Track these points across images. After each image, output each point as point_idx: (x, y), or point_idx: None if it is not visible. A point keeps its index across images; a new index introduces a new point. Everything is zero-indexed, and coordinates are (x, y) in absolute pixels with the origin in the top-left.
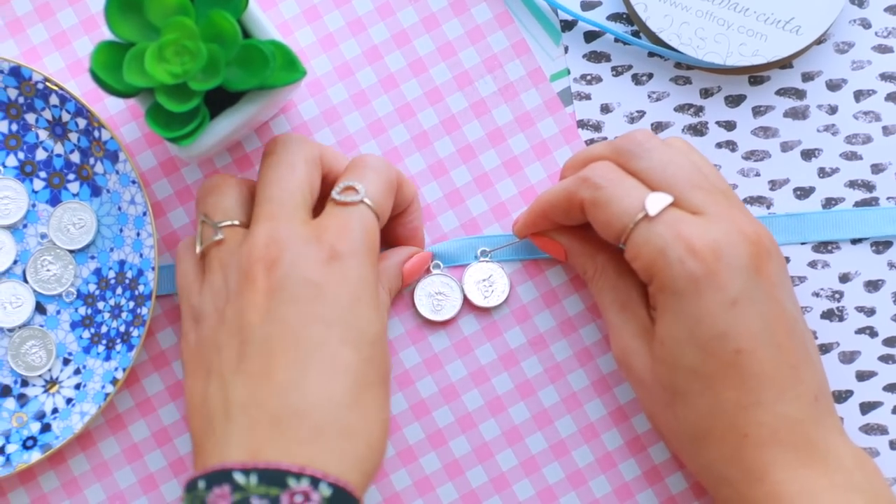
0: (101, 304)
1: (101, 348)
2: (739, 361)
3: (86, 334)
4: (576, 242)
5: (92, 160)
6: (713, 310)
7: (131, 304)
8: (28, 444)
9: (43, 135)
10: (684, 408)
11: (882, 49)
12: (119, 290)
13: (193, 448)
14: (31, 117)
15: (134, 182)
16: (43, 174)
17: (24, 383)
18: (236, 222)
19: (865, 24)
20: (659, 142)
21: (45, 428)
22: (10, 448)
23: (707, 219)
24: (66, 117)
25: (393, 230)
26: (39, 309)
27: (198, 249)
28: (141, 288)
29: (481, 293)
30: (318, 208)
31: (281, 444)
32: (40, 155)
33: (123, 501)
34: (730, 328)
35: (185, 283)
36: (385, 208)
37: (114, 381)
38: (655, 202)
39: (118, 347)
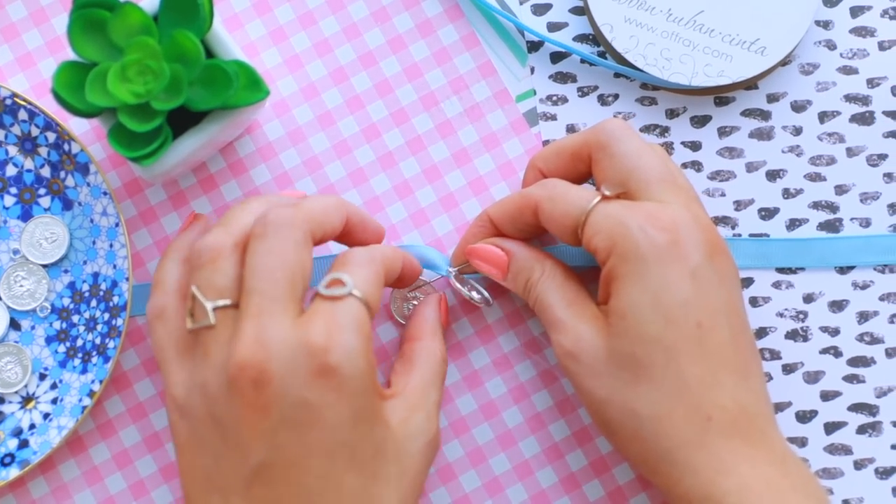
0: (75, 318)
1: (77, 362)
2: (701, 336)
3: (61, 348)
4: (522, 247)
5: (63, 174)
6: (676, 277)
7: (106, 315)
8: (6, 461)
9: (13, 150)
10: (647, 384)
11: (847, 70)
12: (94, 303)
13: None
14: (0, 134)
15: (105, 193)
16: (14, 190)
17: (1, 400)
18: (229, 302)
19: (831, 46)
20: (634, 134)
21: (23, 444)
22: None
23: (665, 204)
24: (35, 132)
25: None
26: (14, 325)
27: (189, 327)
28: (115, 299)
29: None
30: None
31: None
32: (10, 171)
33: None
34: (691, 299)
35: (166, 355)
36: (376, 298)
37: (91, 394)
38: (612, 188)
39: (94, 360)
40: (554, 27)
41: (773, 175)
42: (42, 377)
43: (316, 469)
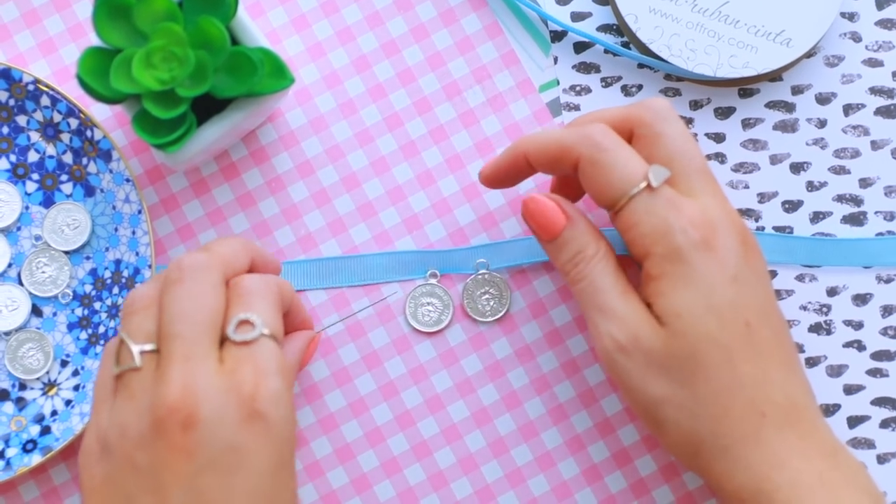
0: (97, 305)
1: (98, 349)
2: (750, 335)
3: (83, 335)
4: (583, 218)
5: (85, 160)
6: (720, 280)
7: None
8: (28, 447)
9: (35, 136)
10: (705, 383)
11: (872, 63)
12: (115, 290)
13: None
14: (22, 119)
15: (128, 180)
16: (36, 176)
17: (23, 387)
18: (156, 346)
19: (856, 38)
20: (679, 118)
21: (45, 430)
22: (10, 452)
23: (703, 202)
24: (57, 118)
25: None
26: (35, 311)
27: (115, 371)
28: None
29: (482, 306)
30: None
31: None
32: (32, 157)
33: None
34: (737, 299)
35: (99, 394)
36: (280, 330)
37: None
38: (657, 174)
39: None
40: (578, 17)
41: (797, 167)
42: (64, 364)
43: None
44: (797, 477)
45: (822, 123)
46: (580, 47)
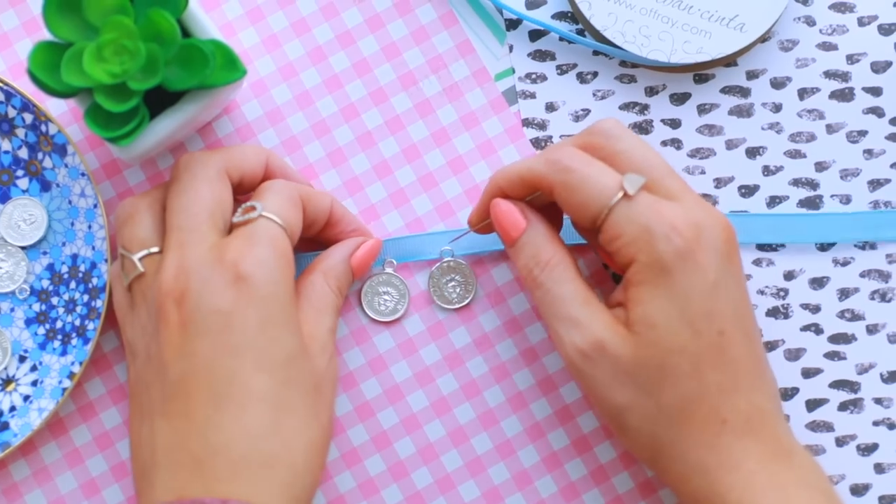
0: (55, 300)
1: (56, 343)
2: (722, 344)
3: (41, 330)
4: (542, 224)
5: (40, 155)
6: (700, 288)
7: (86, 297)
8: None
9: None
10: (671, 391)
11: (826, 47)
12: (73, 285)
13: (135, 492)
14: None
15: (83, 174)
16: None
17: None
18: (154, 249)
19: (810, 22)
20: (632, 132)
21: (3, 426)
22: None
23: (682, 203)
24: (12, 113)
25: (332, 241)
26: None
27: (124, 283)
28: (95, 280)
29: (448, 293)
30: None
31: (202, 484)
32: None
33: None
34: (714, 309)
35: (120, 313)
36: (292, 219)
37: (71, 376)
38: (632, 182)
39: (74, 342)
40: (532, 5)
41: (752, 152)
42: (22, 359)
43: (223, 370)
44: (750, 478)
45: (777, 108)
46: (535, 35)
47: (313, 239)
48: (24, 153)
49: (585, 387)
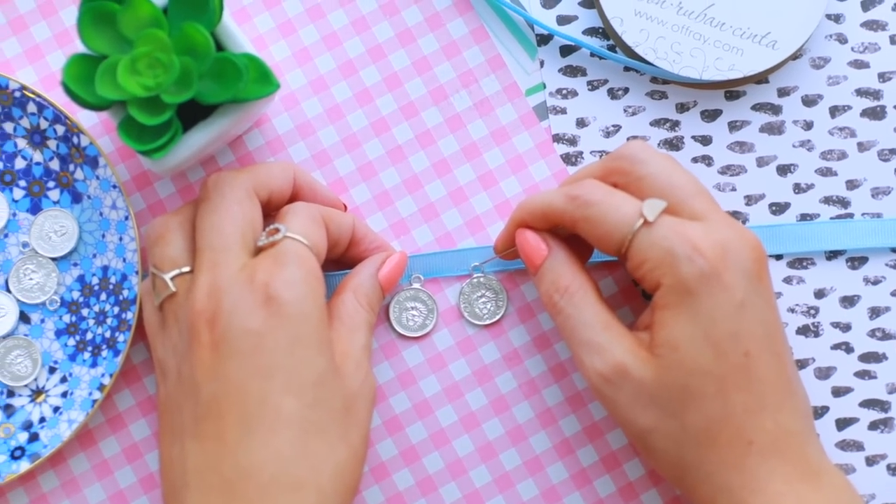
0: (85, 311)
1: (86, 355)
2: (748, 365)
3: (71, 342)
4: (563, 251)
5: (72, 167)
6: (725, 310)
7: (116, 309)
8: (16, 454)
9: (21, 143)
10: (695, 413)
11: (858, 64)
12: (103, 296)
13: None
14: (8, 126)
15: (115, 186)
16: (23, 183)
17: (10, 394)
18: (185, 269)
19: (842, 40)
20: (657, 151)
21: (33, 437)
22: None
23: (708, 224)
24: (44, 125)
25: (357, 260)
26: (23, 318)
27: (155, 303)
28: (125, 293)
29: (479, 309)
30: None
31: None
32: (19, 164)
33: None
34: (740, 330)
35: (150, 331)
36: (316, 238)
37: (101, 388)
38: (652, 208)
39: (104, 353)
40: (564, 20)
41: (783, 170)
42: (52, 370)
43: (255, 393)
44: (776, 500)
45: (808, 125)
46: (566, 51)
47: (338, 260)
48: (55, 164)
49: (609, 410)
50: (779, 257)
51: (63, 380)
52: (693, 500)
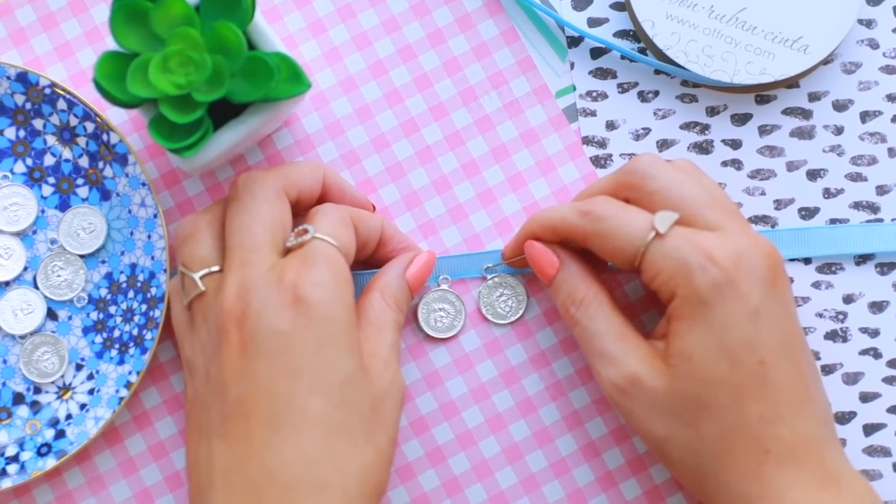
0: (112, 309)
1: (114, 353)
2: (763, 373)
3: (98, 339)
4: (575, 261)
5: (101, 164)
6: (739, 318)
7: (143, 307)
8: (42, 450)
9: (51, 140)
10: (710, 423)
11: (889, 70)
12: (131, 294)
13: None
14: (38, 123)
15: (144, 184)
16: (52, 179)
17: (37, 390)
18: (214, 269)
19: (873, 45)
20: (667, 163)
21: (60, 434)
22: (25, 455)
23: (722, 233)
24: (73, 122)
25: (385, 260)
26: (51, 315)
27: (184, 302)
28: (153, 290)
29: (500, 308)
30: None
31: None
32: (49, 160)
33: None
34: (754, 338)
35: (178, 330)
36: (345, 239)
37: (128, 385)
38: (663, 220)
39: (131, 351)
40: (594, 22)
41: (813, 174)
42: (79, 367)
43: (282, 393)
44: None
45: (838, 130)
46: (597, 53)
47: (366, 261)
48: (84, 162)
49: (625, 419)
50: (807, 262)
51: (90, 377)
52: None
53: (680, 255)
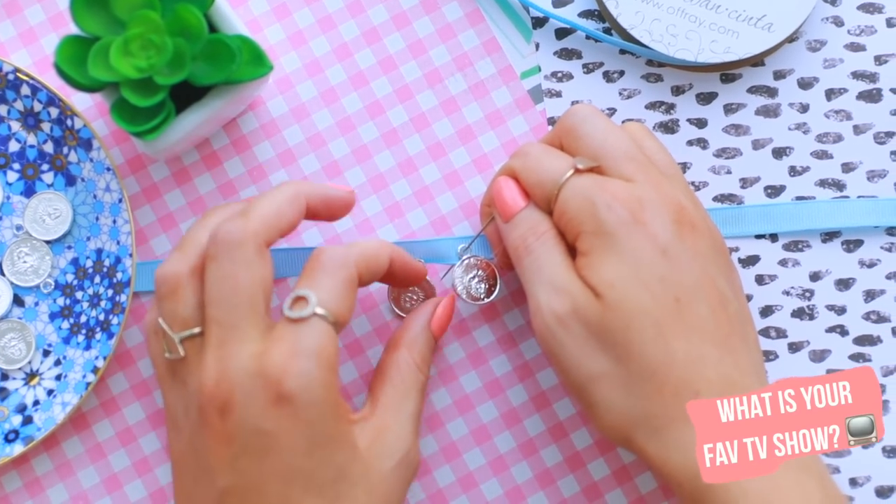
0: (79, 294)
1: (80, 338)
2: (680, 311)
3: (65, 325)
4: (535, 206)
5: (65, 149)
6: (649, 253)
7: (110, 292)
8: (10, 437)
9: (15, 126)
10: (639, 359)
11: (854, 47)
12: (97, 279)
13: None
14: (2, 109)
15: (108, 169)
16: (17, 166)
17: (4, 377)
18: (196, 330)
19: (838, 22)
20: (601, 116)
21: (27, 420)
22: None
23: (634, 184)
24: (37, 107)
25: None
26: (17, 301)
27: (167, 357)
28: (119, 276)
29: (474, 290)
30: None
31: None
32: (13, 146)
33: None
34: (667, 274)
35: (159, 372)
36: (344, 308)
37: (95, 370)
38: (582, 162)
39: (98, 336)
40: (559, 3)
41: (779, 153)
42: (46, 353)
43: (274, 494)
44: None
45: (804, 108)
46: (562, 34)
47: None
48: (49, 147)
49: (556, 358)
50: (774, 239)
51: (57, 363)
52: (646, 461)
53: (589, 194)
